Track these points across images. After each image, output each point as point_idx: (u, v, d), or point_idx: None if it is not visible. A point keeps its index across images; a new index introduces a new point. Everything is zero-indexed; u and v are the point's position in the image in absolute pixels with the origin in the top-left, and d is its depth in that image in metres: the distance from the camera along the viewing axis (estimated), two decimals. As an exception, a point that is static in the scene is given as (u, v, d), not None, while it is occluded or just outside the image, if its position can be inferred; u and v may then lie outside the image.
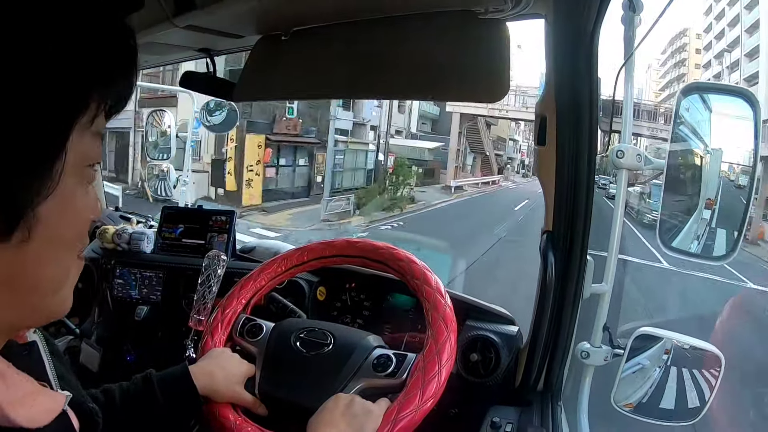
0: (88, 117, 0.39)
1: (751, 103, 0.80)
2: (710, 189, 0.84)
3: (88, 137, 0.40)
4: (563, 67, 0.75)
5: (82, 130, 0.39)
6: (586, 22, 0.70)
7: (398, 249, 0.94)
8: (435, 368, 0.75)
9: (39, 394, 0.41)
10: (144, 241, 1.46)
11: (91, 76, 0.38)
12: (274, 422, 0.80)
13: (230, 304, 0.94)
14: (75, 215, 0.41)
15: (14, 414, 0.37)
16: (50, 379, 0.47)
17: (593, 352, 0.92)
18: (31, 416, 0.39)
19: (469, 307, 1.08)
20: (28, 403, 0.39)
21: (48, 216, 0.37)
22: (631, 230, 10.56)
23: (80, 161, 0.40)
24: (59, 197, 0.38)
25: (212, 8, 0.77)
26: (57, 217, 0.38)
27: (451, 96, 0.82)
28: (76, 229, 0.42)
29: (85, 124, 0.39)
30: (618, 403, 0.92)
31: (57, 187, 0.37)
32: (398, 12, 0.75)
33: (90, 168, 0.42)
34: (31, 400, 0.40)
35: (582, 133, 0.79)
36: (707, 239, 0.86)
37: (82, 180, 0.41)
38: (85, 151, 0.40)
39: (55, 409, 0.42)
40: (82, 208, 0.42)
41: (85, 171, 0.41)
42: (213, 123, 3.28)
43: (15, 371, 0.40)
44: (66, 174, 0.38)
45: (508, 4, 0.66)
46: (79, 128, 0.38)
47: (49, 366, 0.48)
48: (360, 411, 0.72)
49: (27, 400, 0.39)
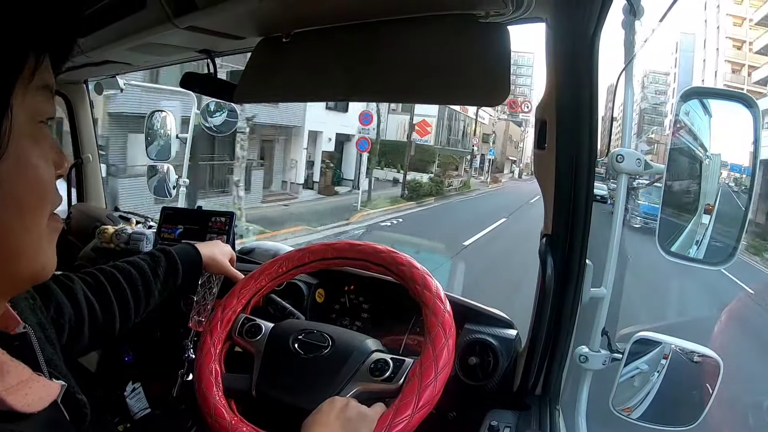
0: (28, 70, 0.37)
1: (751, 108, 0.80)
2: (709, 194, 0.84)
3: (34, 92, 0.38)
4: (563, 71, 0.75)
5: (24, 85, 0.37)
6: (587, 26, 0.70)
7: (399, 253, 0.93)
8: (432, 374, 0.74)
9: (34, 381, 0.41)
10: (143, 242, 1.46)
11: (21, 24, 0.36)
12: (269, 422, 0.80)
13: (230, 304, 0.94)
14: (34, 175, 0.39)
15: (10, 399, 0.38)
16: (43, 370, 0.46)
17: (592, 357, 0.92)
18: (27, 402, 0.39)
19: (467, 311, 1.08)
20: (23, 390, 0.39)
21: (4, 181, 0.36)
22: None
23: (30, 118, 0.38)
24: (12, 159, 0.36)
25: (213, 9, 0.77)
26: (13, 181, 0.37)
27: (452, 99, 0.82)
28: (38, 189, 0.39)
29: (26, 77, 0.37)
30: (616, 407, 0.91)
31: (8, 148, 0.35)
32: (399, 15, 0.76)
33: (43, 124, 0.40)
34: (26, 388, 0.40)
35: (582, 137, 0.79)
36: (706, 244, 0.86)
37: (36, 138, 0.39)
38: (35, 107, 0.38)
39: (49, 396, 0.42)
40: (42, 167, 0.39)
41: (39, 128, 0.39)
42: (213, 124, 3.28)
43: (9, 359, 0.40)
44: (16, 134, 0.36)
45: (509, 8, 0.66)
46: (21, 83, 0.36)
47: (41, 356, 0.47)
48: (355, 415, 0.71)
49: (22, 387, 0.39)
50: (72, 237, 1.69)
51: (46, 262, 0.42)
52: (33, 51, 0.37)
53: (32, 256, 0.40)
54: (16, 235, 0.38)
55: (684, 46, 37.58)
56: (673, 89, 42.63)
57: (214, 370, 0.85)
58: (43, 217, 0.41)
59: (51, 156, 0.41)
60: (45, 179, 0.40)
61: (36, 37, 0.37)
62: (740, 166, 0.86)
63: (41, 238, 0.41)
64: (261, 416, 0.82)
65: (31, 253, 0.40)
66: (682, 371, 0.88)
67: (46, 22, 0.38)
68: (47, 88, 0.39)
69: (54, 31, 0.39)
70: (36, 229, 0.40)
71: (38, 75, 0.38)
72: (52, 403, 0.42)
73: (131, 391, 1.25)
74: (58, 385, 0.43)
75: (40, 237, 0.40)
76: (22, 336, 0.46)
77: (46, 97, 0.40)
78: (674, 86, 41.47)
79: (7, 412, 0.37)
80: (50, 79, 0.40)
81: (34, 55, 0.37)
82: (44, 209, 0.40)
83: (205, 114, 3.15)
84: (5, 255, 0.38)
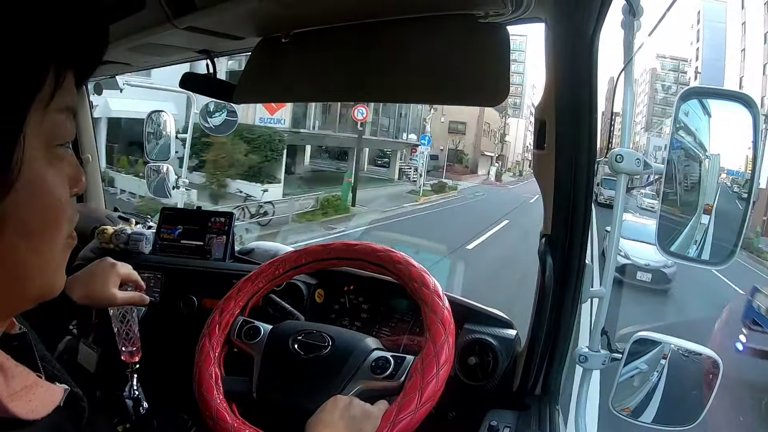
0: (47, 91, 0.33)
1: (750, 108, 0.80)
2: (708, 194, 0.84)
3: (52, 114, 0.34)
4: (563, 71, 0.75)
5: (42, 107, 0.33)
6: (586, 26, 0.70)
7: (396, 252, 0.94)
8: (433, 370, 0.75)
9: (38, 386, 0.40)
10: (142, 242, 1.46)
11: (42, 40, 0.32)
12: (271, 424, 0.80)
13: (228, 306, 0.94)
14: (49, 201, 0.36)
15: (14, 406, 0.37)
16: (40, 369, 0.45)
17: (591, 356, 0.92)
18: (31, 409, 0.38)
19: (467, 311, 1.08)
20: (27, 395, 0.38)
21: (15, 209, 0.33)
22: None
23: (47, 142, 0.35)
24: (26, 186, 0.33)
25: (213, 10, 0.77)
26: (27, 208, 0.34)
27: (452, 99, 0.82)
28: (52, 215, 0.37)
29: (44, 100, 0.33)
30: (616, 407, 0.91)
31: (20, 176, 0.32)
32: (398, 15, 0.76)
33: (61, 147, 0.37)
34: (30, 393, 0.39)
35: (581, 137, 0.79)
36: (705, 244, 0.86)
37: (52, 162, 0.36)
38: (53, 131, 0.35)
39: (53, 402, 0.41)
40: (57, 192, 0.36)
41: (56, 151, 0.36)
42: (212, 125, 3.29)
43: (14, 363, 0.39)
44: (30, 159, 0.33)
45: (509, 8, 0.66)
46: (38, 106, 0.33)
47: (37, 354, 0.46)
48: (358, 413, 0.71)
49: (26, 393, 0.39)
50: (71, 238, 1.69)
51: (56, 281, 0.40)
52: (53, 69, 0.33)
53: (42, 278, 0.39)
54: (26, 260, 0.36)
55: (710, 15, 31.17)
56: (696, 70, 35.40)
57: (214, 374, 0.85)
58: (57, 240, 0.39)
59: (67, 173, 0.38)
60: (60, 202, 0.37)
61: (56, 54, 0.33)
62: (737, 171, 0.86)
63: (53, 261, 0.39)
64: (262, 418, 0.82)
65: (41, 276, 0.38)
66: (682, 371, 0.88)
67: (68, 36, 0.34)
68: (68, 110, 0.36)
69: (77, 45, 0.35)
70: (48, 253, 0.38)
71: (59, 96, 0.34)
72: (55, 409, 0.41)
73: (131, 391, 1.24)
74: (61, 390, 0.43)
75: (52, 260, 0.39)
76: (21, 336, 0.46)
77: (66, 120, 0.36)
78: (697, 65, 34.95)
79: (10, 419, 0.36)
80: (71, 100, 0.36)
81: (54, 73, 0.33)
82: (58, 232, 0.38)
83: (204, 114, 3.15)
84: (15, 277, 0.37)
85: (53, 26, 0.32)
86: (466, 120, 30.25)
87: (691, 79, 38.02)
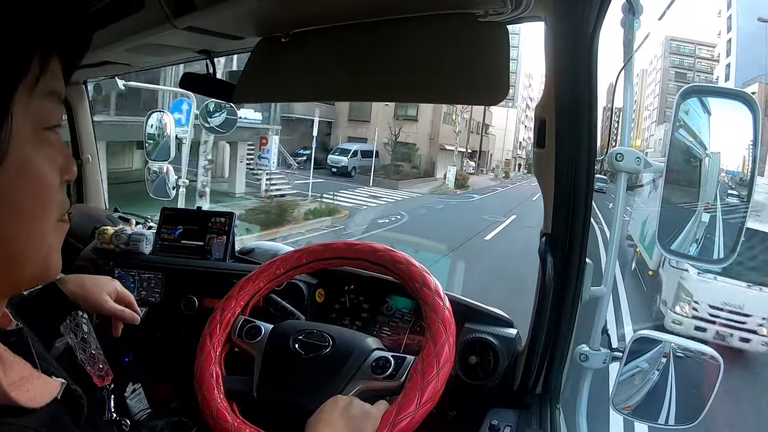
0: (33, 76, 0.35)
1: (751, 107, 0.80)
2: (709, 192, 0.84)
3: (39, 98, 0.36)
4: (563, 70, 0.75)
5: (28, 91, 0.35)
6: (586, 25, 0.70)
7: (397, 251, 0.94)
8: (433, 370, 0.75)
9: (34, 378, 0.41)
10: (143, 242, 1.46)
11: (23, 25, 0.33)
12: (271, 424, 0.80)
13: (229, 306, 0.93)
14: (36, 182, 0.37)
15: (15, 394, 0.38)
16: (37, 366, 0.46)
17: (592, 355, 0.92)
18: (30, 397, 0.39)
19: (467, 310, 1.08)
20: (25, 386, 0.39)
21: (5, 189, 0.35)
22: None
23: (35, 125, 0.37)
24: (14, 168, 0.35)
25: (212, 10, 0.77)
26: (15, 189, 0.36)
27: (452, 98, 0.82)
28: (41, 195, 0.38)
29: (31, 83, 0.35)
30: (617, 405, 0.91)
31: (7, 157, 0.34)
32: (398, 14, 0.75)
33: (50, 130, 0.38)
34: (28, 384, 0.40)
35: (581, 135, 0.79)
36: (705, 242, 0.86)
37: (40, 145, 0.37)
38: (40, 114, 0.37)
39: (50, 393, 0.42)
40: (45, 174, 0.38)
41: (44, 134, 0.38)
42: (212, 125, 3.29)
43: (11, 354, 0.40)
44: (17, 142, 0.34)
45: (508, 6, 0.66)
46: (25, 89, 0.35)
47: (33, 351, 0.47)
48: (358, 412, 0.71)
49: (24, 383, 0.39)
50: (71, 238, 1.69)
51: (50, 264, 0.41)
52: (38, 55, 0.35)
53: (35, 259, 0.40)
54: (17, 239, 0.37)
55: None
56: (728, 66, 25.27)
57: (215, 373, 0.85)
58: (47, 222, 0.40)
59: (58, 161, 0.40)
60: (48, 185, 0.39)
61: (40, 39, 0.35)
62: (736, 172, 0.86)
63: (44, 242, 0.40)
64: (263, 418, 0.82)
65: (33, 257, 0.39)
66: (682, 370, 0.88)
67: (51, 23, 0.36)
68: (54, 94, 0.38)
69: (60, 32, 0.37)
70: (39, 233, 0.39)
71: (44, 81, 0.36)
72: (53, 400, 0.42)
73: (131, 391, 1.24)
74: (58, 383, 0.44)
75: (43, 240, 0.40)
76: (17, 332, 0.46)
77: (53, 103, 0.38)
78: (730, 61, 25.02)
79: (11, 407, 0.37)
80: (58, 85, 0.38)
81: (39, 59, 0.35)
82: (47, 214, 0.40)
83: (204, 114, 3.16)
84: (6, 258, 0.38)
85: (35, 13, 0.34)
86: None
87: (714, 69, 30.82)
